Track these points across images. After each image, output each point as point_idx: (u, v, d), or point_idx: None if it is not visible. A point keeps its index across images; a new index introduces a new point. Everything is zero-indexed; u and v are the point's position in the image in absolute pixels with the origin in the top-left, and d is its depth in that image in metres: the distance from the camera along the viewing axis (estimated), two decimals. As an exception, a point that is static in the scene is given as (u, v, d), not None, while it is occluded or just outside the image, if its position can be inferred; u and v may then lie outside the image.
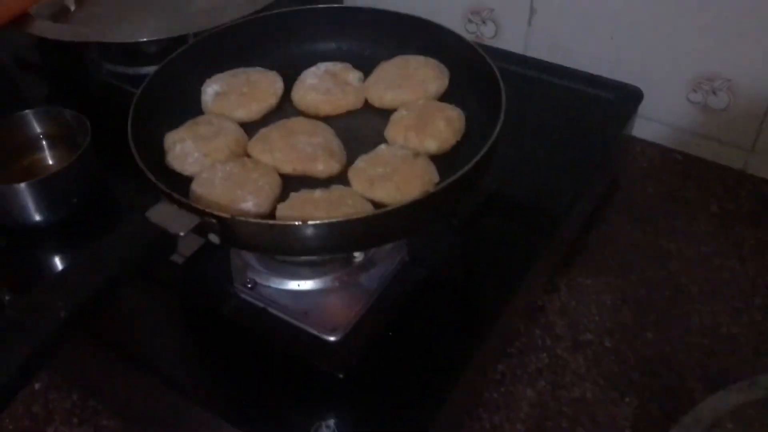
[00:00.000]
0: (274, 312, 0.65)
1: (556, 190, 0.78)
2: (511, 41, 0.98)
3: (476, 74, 0.69)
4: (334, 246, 0.58)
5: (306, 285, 0.67)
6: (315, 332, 0.63)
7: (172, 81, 0.71)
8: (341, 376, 0.60)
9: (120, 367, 0.66)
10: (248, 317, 0.65)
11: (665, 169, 0.93)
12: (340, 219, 0.55)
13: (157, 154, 0.67)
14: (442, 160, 0.66)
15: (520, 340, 0.75)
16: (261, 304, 0.65)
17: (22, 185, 0.70)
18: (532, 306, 0.77)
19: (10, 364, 0.45)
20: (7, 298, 0.71)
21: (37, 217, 0.72)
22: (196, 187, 0.62)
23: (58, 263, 0.74)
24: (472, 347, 0.64)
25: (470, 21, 1.00)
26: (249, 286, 0.67)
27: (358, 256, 0.67)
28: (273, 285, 0.67)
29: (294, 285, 0.67)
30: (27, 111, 0.77)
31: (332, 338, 0.63)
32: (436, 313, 0.67)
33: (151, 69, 0.89)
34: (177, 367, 0.64)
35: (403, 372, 0.62)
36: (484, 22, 0.99)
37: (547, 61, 0.91)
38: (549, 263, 0.77)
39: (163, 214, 0.55)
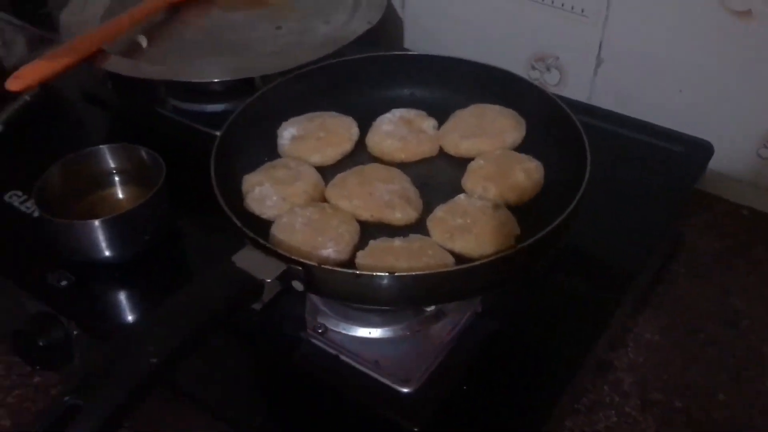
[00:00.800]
0: (346, 360, 0.64)
1: (625, 245, 0.76)
2: (575, 89, 0.97)
3: (555, 127, 0.69)
4: (417, 298, 0.57)
5: (376, 333, 0.66)
6: (388, 383, 0.62)
7: (250, 123, 0.72)
8: (416, 430, 0.59)
9: (187, 411, 0.65)
10: (320, 364, 0.64)
11: (732, 224, 0.91)
12: (427, 272, 0.55)
13: (233, 195, 0.67)
14: (520, 212, 0.66)
15: (588, 396, 0.73)
16: (333, 351, 0.64)
17: (97, 222, 0.70)
18: (600, 361, 0.76)
19: (102, 411, 0.45)
20: (75, 333, 0.71)
21: (108, 254, 0.72)
22: (276, 232, 0.62)
23: (125, 300, 0.74)
24: (547, 405, 0.62)
25: (533, 68, 1.00)
26: (320, 331, 0.66)
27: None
28: (343, 331, 0.66)
29: (365, 332, 0.66)
30: (102, 146, 0.78)
31: (405, 390, 0.62)
32: (509, 368, 0.65)
33: (216, 107, 0.91)
34: (246, 413, 0.63)
35: (478, 429, 0.61)
36: (548, 70, 0.99)
37: (615, 111, 0.91)
38: (619, 321, 0.76)
39: (249, 260, 0.55)
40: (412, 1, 1.07)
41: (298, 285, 0.56)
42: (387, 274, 0.54)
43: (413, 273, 0.54)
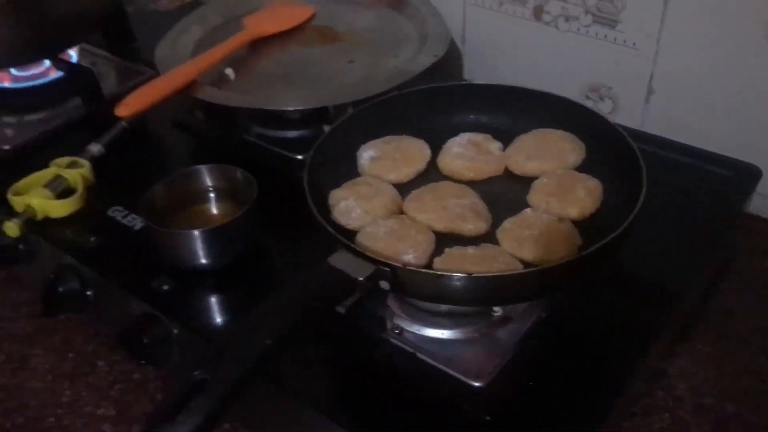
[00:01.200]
0: (422, 357, 0.71)
1: (675, 265, 0.81)
2: (628, 117, 1.04)
3: (614, 151, 0.75)
4: (490, 297, 0.64)
5: (447, 334, 0.72)
6: (461, 377, 0.68)
7: (335, 146, 0.80)
8: (488, 418, 0.66)
9: (277, 400, 0.72)
10: (399, 361, 0.71)
11: (781, 245, 0.96)
12: (499, 273, 0.62)
13: (320, 209, 0.75)
14: (580, 227, 0.72)
15: (644, 400, 0.79)
16: (410, 350, 0.71)
17: (197, 232, 0.79)
18: (654, 369, 0.81)
19: (226, 384, 0.52)
20: (175, 331, 0.79)
21: (205, 261, 0.80)
22: (362, 239, 0.70)
23: (219, 303, 0.82)
24: (603, 407, 0.68)
25: (588, 97, 1.07)
26: (396, 332, 0.73)
27: (498, 310, 0.73)
28: (417, 332, 0.73)
29: (437, 333, 0.72)
30: (201, 166, 0.87)
31: (477, 384, 0.68)
32: (569, 371, 0.71)
33: (293, 133, 1.00)
34: (334, 403, 0.70)
35: (543, 423, 0.66)
36: (601, 99, 1.06)
37: (665, 137, 0.96)
38: (670, 333, 0.80)
39: (343, 261, 0.63)
40: (472, 35, 1.16)
41: (385, 285, 0.63)
42: (465, 275, 0.61)
43: (488, 274, 0.61)
